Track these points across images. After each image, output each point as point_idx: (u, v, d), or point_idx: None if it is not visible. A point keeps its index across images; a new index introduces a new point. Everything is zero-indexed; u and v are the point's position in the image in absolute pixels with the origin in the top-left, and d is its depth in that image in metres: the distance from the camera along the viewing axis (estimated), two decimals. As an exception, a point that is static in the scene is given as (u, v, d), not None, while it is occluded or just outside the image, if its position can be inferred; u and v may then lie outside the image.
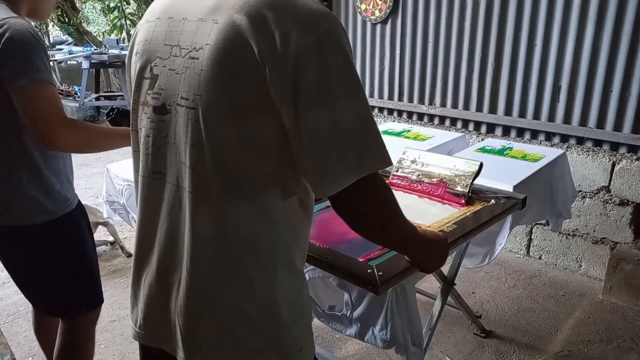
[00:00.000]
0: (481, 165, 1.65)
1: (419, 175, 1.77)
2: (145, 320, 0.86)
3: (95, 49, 6.59)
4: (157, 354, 0.88)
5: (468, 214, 1.57)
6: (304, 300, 0.85)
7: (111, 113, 1.56)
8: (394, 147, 2.38)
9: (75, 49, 7.08)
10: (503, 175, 1.98)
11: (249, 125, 0.71)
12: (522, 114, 2.84)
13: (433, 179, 1.73)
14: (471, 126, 3.09)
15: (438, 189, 1.71)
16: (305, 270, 1.32)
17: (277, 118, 0.70)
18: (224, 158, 0.73)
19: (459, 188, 1.67)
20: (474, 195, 1.69)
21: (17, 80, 1.18)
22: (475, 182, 1.75)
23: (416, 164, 1.80)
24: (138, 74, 0.82)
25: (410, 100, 3.31)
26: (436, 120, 3.26)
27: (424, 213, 1.56)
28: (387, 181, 1.85)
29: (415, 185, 1.77)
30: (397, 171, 1.83)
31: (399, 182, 1.82)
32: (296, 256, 0.83)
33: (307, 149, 0.70)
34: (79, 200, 1.48)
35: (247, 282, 0.77)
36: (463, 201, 1.64)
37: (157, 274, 0.83)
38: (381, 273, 1.14)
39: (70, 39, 9.31)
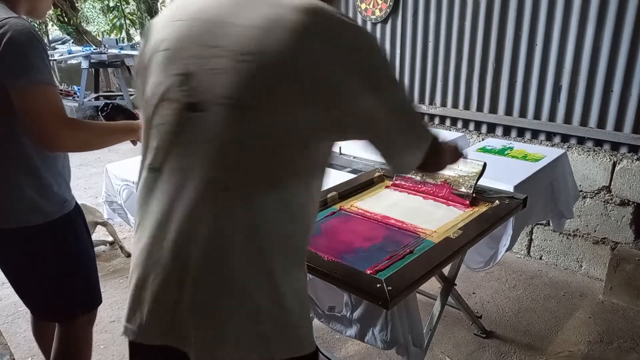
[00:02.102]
0: (484, 166, 1.65)
1: (422, 176, 1.76)
2: (153, 318, 0.85)
3: (94, 49, 6.58)
4: (157, 354, 0.87)
5: (473, 216, 1.56)
6: (305, 290, 0.89)
7: (105, 108, 1.54)
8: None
9: (74, 48, 7.07)
10: (504, 175, 1.98)
11: (296, 123, 0.75)
12: (523, 113, 2.84)
13: (437, 180, 1.73)
14: (472, 126, 3.09)
15: (442, 190, 1.71)
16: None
17: (329, 114, 0.76)
18: (263, 155, 0.76)
19: (463, 189, 1.66)
20: (477, 195, 1.68)
21: (17, 81, 1.17)
22: (478, 182, 1.75)
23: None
24: (163, 69, 0.83)
25: (411, 100, 3.30)
26: (437, 120, 3.25)
27: (430, 216, 1.56)
28: (391, 182, 1.85)
29: (420, 186, 1.76)
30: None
31: (403, 182, 1.82)
32: (305, 250, 0.87)
33: (368, 133, 0.82)
34: (76, 202, 1.47)
35: (271, 276, 0.80)
36: (467, 202, 1.64)
37: (169, 271, 0.82)
38: (390, 287, 1.13)
39: (68, 37, 9.30)
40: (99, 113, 1.54)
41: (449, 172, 1.70)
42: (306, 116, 0.75)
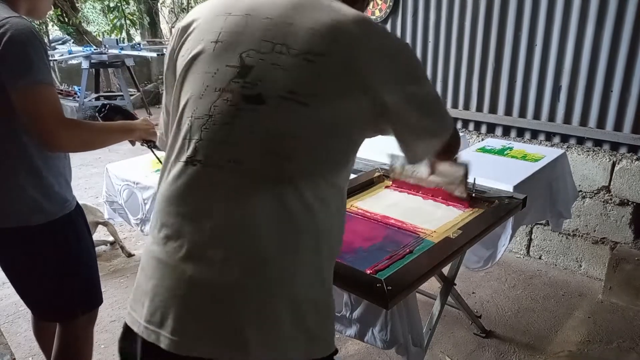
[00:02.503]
0: (467, 167, 1.58)
1: (414, 180, 1.76)
2: (187, 324, 0.79)
3: (95, 49, 6.58)
4: (158, 351, 0.81)
5: (473, 216, 1.56)
6: (332, 290, 0.92)
7: (103, 109, 1.54)
8: (394, 147, 2.39)
9: (75, 48, 7.07)
10: (503, 175, 1.98)
11: (347, 113, 0.82)
12: (522, 114, 2.84)
13: (431, 184, 1.73)
14: (471, 126, 3.09)
15: (440, 192, 1.70)
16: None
17: (369, 101, 0.83)
18: (319, 149, 0.82)
19: (457, 193, 1.66)
20: (477, 195, 1.69)
21: (17, 81, 1.17)
22: (477, 182, 1.75)
23: (406, 170, 1.78)
24: (213, 61, 0.84)
25: (410, 100, 3.31)
26: (436, 120, 3.25)
27: (430, 216, 1.56)
28: (389, 184, 1.85)
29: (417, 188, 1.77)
30: (392, 176, 1.84)
31: (403, 183, 1.82)
32: (337, 246, 0.91)
33: (407, 122, 0.90)
34: (77, 201, 1.47)
35: (320, 273, 0.85)
36: (467, 203, 1.64)
37: (215, 270, 0.78)
38: (390, 287, 1.13)
39: (68, 37, 9.30)
40: (97, 114, 1.55)
41: (437, 179, 1.69)
42: (352, 110, 0.82)
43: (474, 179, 1.76)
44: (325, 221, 0.84)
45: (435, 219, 1.55)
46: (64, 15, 8.86)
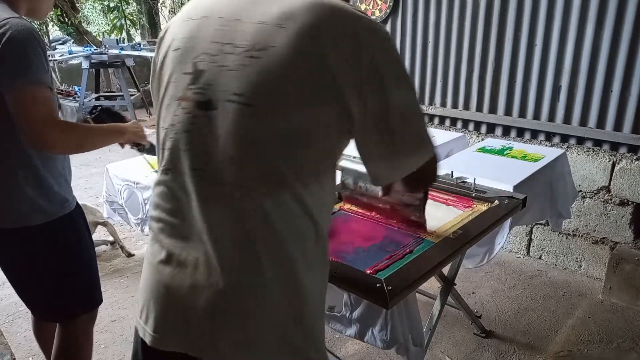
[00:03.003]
0: (426, 194, 1.38)
1: (367, 199, 1.55)
2: (162, 323, 0.84)
3: (95, 49, 6.58)
4: (165, 356, 0.85)
5: (473, 216, 1.56)
6: (325, 293, 0.89)
7: (94, 111, 1.55)
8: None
9: (75, 49, 7.08)
10: (503, 175, 1.98)
11: (307, 119, 0.76)
12: (522, 114, 2.84)
13: (386, 205, 1.51)
14: (471, 126, 3.09)
15: (395, 216, 1.50)
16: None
17: (342, 110, 0.76)
18: (277, 152, 0.76)
19: (414, 217, 1.46)
20: (477, 195, 1.69)
21: (13, 81, 1.18)
22: (476, 182, 1.75)
23: (359, 187, 1.54)
24: (175, 69, 0.83)
25: (410, 100, 3.31)
26: (436, 120, 3.25)
27: (429, 216, 1.56)
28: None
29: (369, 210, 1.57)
30: (343, 193, 1.62)
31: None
32: (327, 248, 0.87)
33: (376, 134, 0.79)
34: (77, 201, 1.47)
35: (291, 276, 0.80)
36: (468, 203, 1.64)
37: (185, 273, 0.81)
38: (390, 287, 1.13)
39: (67, 38, 9.31)
40: (88, 116, 1.55)
41: (393, 200, 1.46)
42: (315, 113, 0.75)
43: (474, 178, 1.76)
44: (293, 229, 0.79)
45: (435, 218, 1.55)
46: (64, 15, 8.86)
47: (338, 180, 1.65)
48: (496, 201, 1.65)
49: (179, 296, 0.81)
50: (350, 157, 1.31)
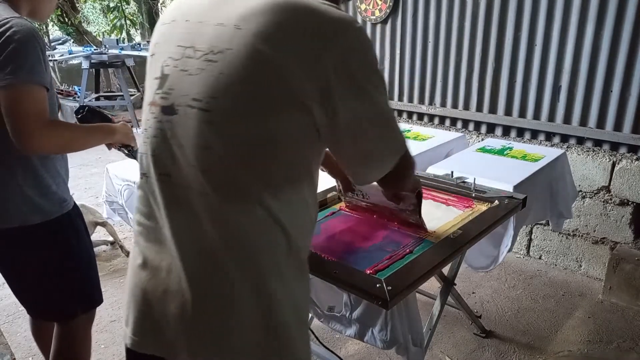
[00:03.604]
0: (419, 193, 1.33)
1: (367, 204, 1.56)
2: (139, 326, 0.84)
3: (95, 49, 6.58)
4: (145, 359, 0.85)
5: (473, 216, 1.56)
6: (306, 304, 0.86)
7: (81, 110, 1.54)
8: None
9: (75, 49, 7.08)
10: (503, 175, 1.98)
11: (271, 126, 0.73)
12: (522, 114, 2.84)
13: (383, 209, 1.51)
14: (471, 126, 3.09)
15: (393, 217, 1.50)
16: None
17: (306, 118, 0.73)
18: (238, 160, 0.74)
19: (412, 220, 1.45)
20: (477, 195, 1.69)
21: (6, 78, 1.17)
22: (476, 182, 1.75)
23: (357, 194, 1.54)
24: (149, 73, 0.83)
25: (410, 100, 3.31)
26: (436, 120, 3.25)
27: (429, 216, 1.56)
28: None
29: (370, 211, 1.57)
30: (343, 199, 1.62)
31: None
32: (304, 260, 0.84)
33: (347, 140, 0.78)
34: (74, 201, 1.48)
35: (259, 286, 0.77)
36: (468, 203, 1.64)
37: (158, 278, 0.81)
38: (390, 287, 1.13)
39: (67, 37, 9.31)
40: (75, 115, 1.54)
41: (390, 204, 1.44)
42: (276, 121, 0.72)
43: (474, 178, 1.76)
44: (261, 239, 0.76)
45: (435, 218, 1.55)
46: (64, 15, 8.86)
47: (327, 186, 1.65)
48: (496, 201, 1.65)
49: (155, 301, 0.81)
50: None
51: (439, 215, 1.58)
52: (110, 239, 3.10)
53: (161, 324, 0.80)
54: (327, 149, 0.84)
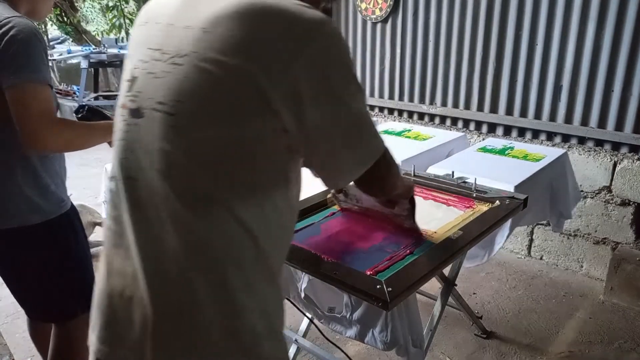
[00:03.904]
0: (412, 200, 1.30)
1: (360, 208, 1.52)
2: (105, 334, 0.82)
3: (94, 49, 6.58)
4: None
5: (474, 216, 1.55)
6: (279, 312, 0.83)
7: (81, 110, 1.54)
8: (394, 146, 2.39)
9: (74, 48, 7.07)
10: (504, 175, 1.97)
11: (237, 132, 0.70)
12: (524, 113, 2.84)
13: (377, 214, 1.48)
14: (472, 126, 3.08)
15: (388, 222, 1.46)
16: (305, 271, 1.32)
17: (275, 123, 0.71)
18: (203, 165, 0.72)
19: (406, 225, 1.42)
20: (478, 195, 1.68)
21: (14, 77, 1.18)
22: (477, 182, 1.74)
23: (350, 198, 1.51)
24: (123, 76, 0.82)
25: (411, 99, 3.30)
26: (437, 120, 3.24)
27: (430, 217, 1.55)
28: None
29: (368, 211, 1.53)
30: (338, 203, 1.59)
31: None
32: (275, 268, 0.81)
33: (317, 145, 0.76)
34: (71, 202, 1.47)
35: (224, 294, 0.74)
36: (469, 203, 1.63)
37: (124, 284, 0.79)
38: (390, 289, 1.12)
39: (66, 37, 9.30)
40: (74, 115, 1.54)
41: (384, 209, 1.41)
42: (243, 127, 0.70)
43: (475, 179, 1.75)
44: (226, 247, 0.74)
45: (435, 219, 1.54)
46: (63, 14, 8.86)
47: (312, 193, 1.61)
48: (497, 201, 1.64)
49: (120, 308, 0.79)
50: None
51: (439, 216, 1.57)
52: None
53: (127, 332, 0.78)
54: None
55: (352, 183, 0.87)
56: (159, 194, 0.74)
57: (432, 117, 3.26)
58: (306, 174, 0.84)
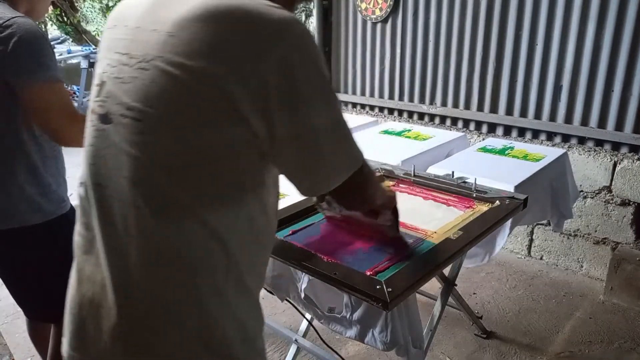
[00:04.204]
0: (395, 210, 1.24)
1: (342, 217, 1.45)
2: (75, 341, 0.81)
3: (94, 49, 6.57)
4: None
5: (474, 216, 1.55)
6: (255, 320, 0.81)
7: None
8: (394, 146, 2.39)
9: (74, 48, 7.07)
10: (504, 175, 1.97)
11: (204, 140, 0.69)
12: (524, 113, 2.83)
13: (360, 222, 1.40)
14: (472, 126, 3.08)
15: (370, 231, 1.40)
16: (305, 272, 1.32)
17: (243, 131, 0.69)
18: (170, 173, 0.70)
19: (390, 234, 1.36)
20: (478, 195, 1.68)
21: (28, 79, 1.20)
22: (477, 182, 1.74)
23: (333, 207, 1.40)
24: (93, 81, 0.81)
25: (411, 99, 3.30)
26: (437, 120, 3.24)
27: (430, 217, 1.55)
28: (389, 184, 1.83)
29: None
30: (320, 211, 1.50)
31: (403, 184, 1.81)
32: (248, 276, 0.78)
33: (287, 152, 0.73)
34: (71, 203, 1.48)
35: (193, 302, 0.73)
36: (469, 203, 1.63)
37: (93, 292, 0.78)
38: (390, 289, 1.12)
39: (66, 37, 9.30)
40: None
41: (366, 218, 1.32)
42: (211, 134, 0.68)
43: (475, 179, 1.75)
44: (195, 255, 0.72)
45: (435, 219, 1.54)
46: (63, 14, 8.86)
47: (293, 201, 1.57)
48: (497, 201, 1.64)
49: (90, 316, 0.78)
50: None
51: (439, 216, 1.57)
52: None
53: (96, 340, 0.77)
54: None
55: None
56: (127, 202, 0.72)
57: (432, 117, 3.26)
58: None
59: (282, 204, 1.57)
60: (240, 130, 0.68)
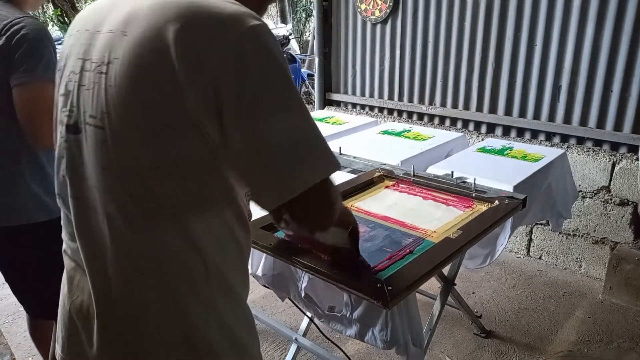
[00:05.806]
0: (354, 230, 1.05)
1: (299, 237, 1.35)
2: (68, 346, 0.82)
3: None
4: None
5: (473, 216, 1.56)
6: (244, 324, 0.81)
7: None
8: (394, 146, 2.40)
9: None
10: (503, 175, 1.98)
11: (165, 146, 0.66)
12: (522, 113, 2.84)
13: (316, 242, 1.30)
14: (471, 126, 3.09)
15: (328, 251, 1.27)
16: (305, 271, 1.32)
17: (201, 137, 0.65)
18: (138, 181, 0.68)
19: (350, 261, 1.24)
20: (477, 195, 1.69)
21: (23, 76, 1.21)
22: (477, 182, 1.75)
23: (290, 227, 1.37)
24: (57, 91, 0.78)
25: (410, 100, 3.31)
26: (436, 120, 3.25)
27: (429, 217, 1.56)
28: (389, 184, 1.84)
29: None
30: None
31: (403, 184, 1.82)
32: (231, 278, 0.77)
33: (240, 164, 0.68)
34: None
35: (175, 312, 0.73)
36: (468, 203, 1.64)
37: (82, 299, 0.78)
38: (390, 287, 1.13)
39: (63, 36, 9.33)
40: None
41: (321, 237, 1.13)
42: (170, 139, 0.65)
43: (474, 179, 1.76)
44: (172, 263, 0.71)
45: (435, 219, 1.55)
46: (64, 15, 8.87)
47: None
48: (496, 201, 1.65)
49: (80, 322, 0.79)
50: None
51: (439, 216, 1.58)
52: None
53: (87, 346, 0.78)
54: None
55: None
56: (101, 213, 0.71)
57: (431, 117, 3.27)
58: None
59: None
60: (196, 137, 0.65)
